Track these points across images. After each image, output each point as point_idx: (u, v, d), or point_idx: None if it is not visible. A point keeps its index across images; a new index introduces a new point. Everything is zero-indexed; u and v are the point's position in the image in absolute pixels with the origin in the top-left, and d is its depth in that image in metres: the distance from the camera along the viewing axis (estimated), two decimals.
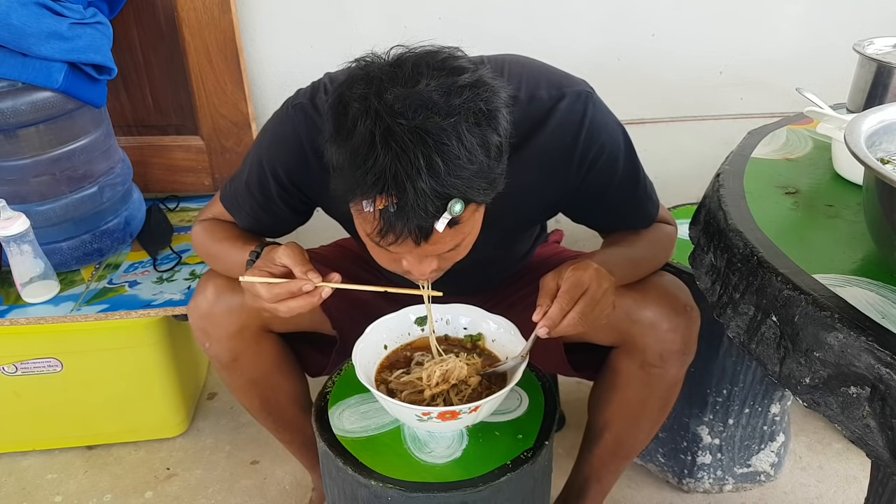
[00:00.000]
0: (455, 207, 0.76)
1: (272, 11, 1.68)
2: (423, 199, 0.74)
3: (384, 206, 0.75)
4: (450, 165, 0.74)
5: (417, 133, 0.73)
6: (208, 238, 1.12)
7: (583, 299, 0.87)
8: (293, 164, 1.00)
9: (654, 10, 1.72)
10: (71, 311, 1.43)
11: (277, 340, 1.16)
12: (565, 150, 0.96)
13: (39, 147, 1.42)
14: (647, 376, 1.07)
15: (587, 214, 1.09)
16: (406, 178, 0.73)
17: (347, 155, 0.76)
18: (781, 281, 0.74)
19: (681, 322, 1.03)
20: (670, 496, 1.50)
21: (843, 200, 0.93)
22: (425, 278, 0.91)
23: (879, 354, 0.63)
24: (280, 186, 1.03)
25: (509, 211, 0.98)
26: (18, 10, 1.29)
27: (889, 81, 1.13)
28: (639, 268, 1.05)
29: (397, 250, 0.82)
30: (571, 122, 0.95)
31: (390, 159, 0.73)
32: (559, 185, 1.00)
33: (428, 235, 0.78)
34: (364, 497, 0.93)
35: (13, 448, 1.63)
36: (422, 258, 0.86)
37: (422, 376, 0.95)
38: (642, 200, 1.06)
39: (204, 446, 1.66)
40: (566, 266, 0.91)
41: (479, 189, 0.78)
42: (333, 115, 0.79)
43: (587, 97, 0.97)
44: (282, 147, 1.01)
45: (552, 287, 0.89)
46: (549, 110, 0.95)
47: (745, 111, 1.85)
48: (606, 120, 0.99)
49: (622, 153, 1.01)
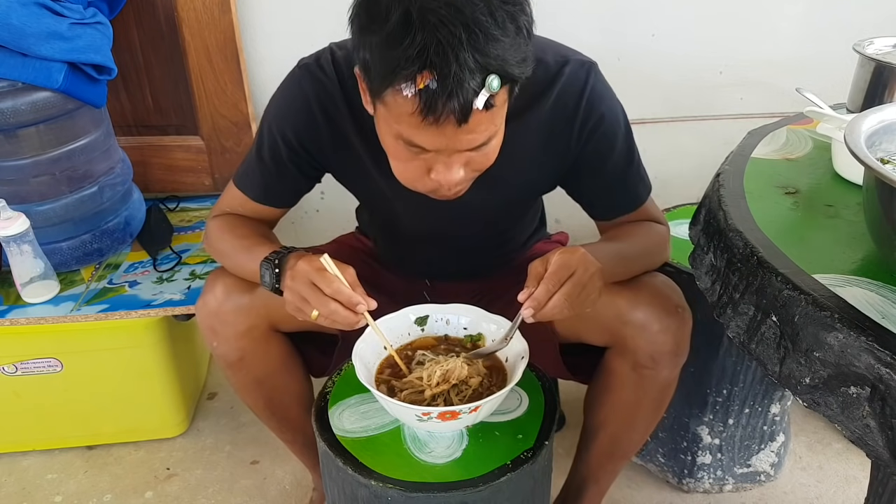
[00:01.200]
0: (493, 83, 0.77)
1: (272, 11, 1.68)
2: (465, 72, 0.75)
3: (425, 85, 0.76)
4: (488, 37, 0.76)
5: (453, 7, 0.75)
6: (225, 234, 1.11)
7: (569, 281, 0.87)
8: (301, 124, 1.03)
9: (654, 10, 1.72)
10: (71, 311, 1.43)
11: (284, 340, 1.17)
12: (567, 117, 1.00)
13: (39, 147, 1.42)
14: (639, 378, 1.07)
15: (582, 187, 1.11)
16: (449, 49, 0.74)
17: (384, 37, 0.77)
18: (781, 281, 0.74)
19: (671, 323, 1.02)
20: (670, 496, 1.50)
21: (842, 200, 0.93)
22: (453, 193, 0.92)
23: (879, 354, 0.63)
24: (290, 149, 1.05)
25: (512, 175, 1.02)
26: (18, 11, 1.29)
27: (889, 81, 1.13)
28: (630, 265, 1.05)
29: (434, 141, 0.83)
30: (574, 89, 0.99)
31: (430, 33, 0.74)
32: (560, 151, 1.03)
33: (468, 114, 0.78)
34: (364, 497, 0.93)
35: (13, 448, 1.63)
36: (451, 164, 0.86)
37: (422, 376, 0.95)
38: (635, 181, 1.09)
39: (204, 446, 1.66)
40: (554, 251, 0.91)
41: (514, 63, 0.79)
42: (365, 8, 0.80)
43: (591, 67, 1.01)
44: (290, 108, 1.04)
45: (539, 271, 0.89)
46: (554, 75, 0.99)
47: (745, 111, 1.85)
48: (608, 93, 1.03)
49: (621, 129, 1.04)
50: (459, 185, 0.92)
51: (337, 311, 0.89)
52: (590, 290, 0.89)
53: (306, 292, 0.90)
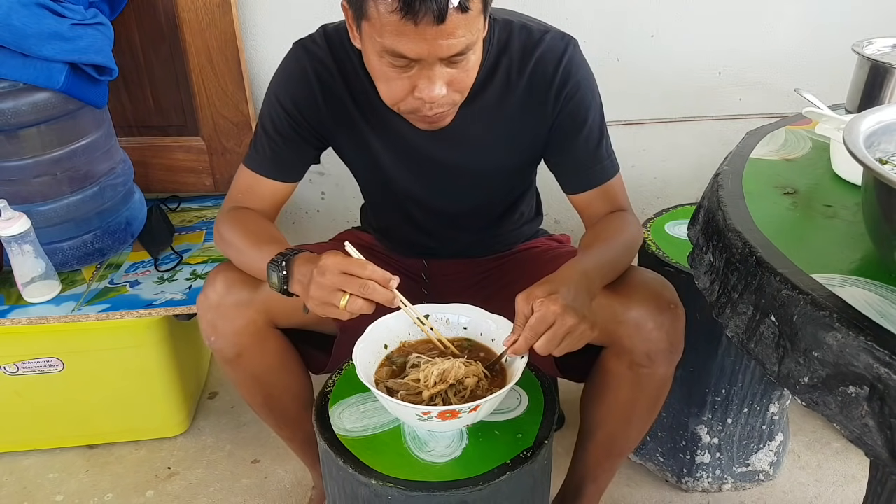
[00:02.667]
0: None
1: (272, 12, 1.68)
2: None
3: None
4: None
5: None
6: (236, 228, 1.11)
7: (546, 335, 0.89)
8: (300, 95, 1.10)
9: (654, 10, 1.72)
10: (72, 311, 1.44)
11: (282, 337, 1.17)
12: (546, 81, 1.07)
13: (41, 147, 1.42)
14: (636, 376, 1.08)
15: (558, 157, 1.15)
16: None
17: None
18: (780, 281, 0.74)
19: (665, 320, 1.03)
20: (669, 495, 1.50)
21: (841, 200, 0.94)
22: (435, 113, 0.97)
23: (878, 354, 0.63)
24: (291, 118, 1.11)
25: (497, 136, 1.11)
26: (19, 11, 1.29)
27: (887, 82, 1.13)
28: (617, 266, 1.07)
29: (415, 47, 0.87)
30: (553, 55, 1.06)
31: None
32: (538, 115, 1.10)
33: (444, 13, 0.84)
34: (364, 496, 0.94)
35: (14, 447, 1.64)
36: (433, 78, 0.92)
37: (418, 377, 0.95)
38: (604, 157, 1.13)
39: (205, 445, 1.66)
40: (539, 286, 0.92)
41: None
42: None
43: (571, 39, 1.08)
44: (289, 81, 1.10)
45: (525, 312, 0.91)
46: (537, 41, 1.06)
47: (743, 112, 1.85)
48: (584, 66, 1.09)
49: (595, 103, 1.11)
50: (443, 106, 0.97)
51: (376, 289, 0.91)
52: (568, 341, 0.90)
53: (340, 281, 0.91)
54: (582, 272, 0.96)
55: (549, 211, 1.34)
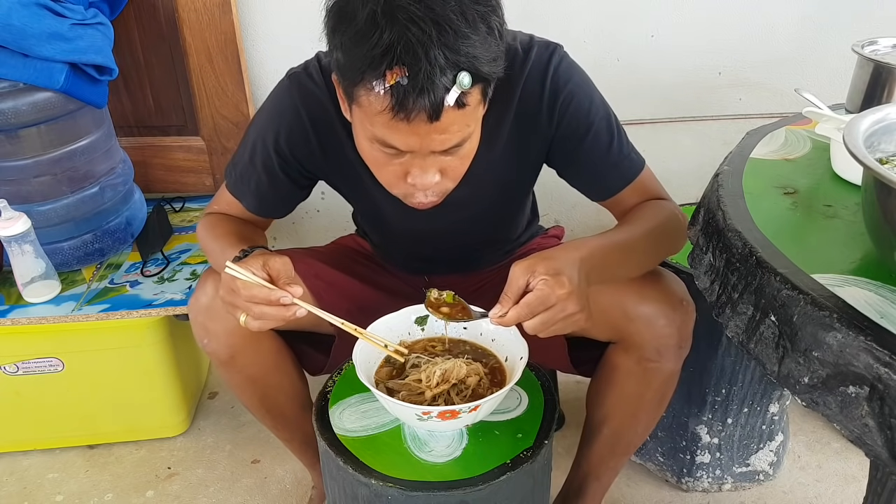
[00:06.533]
0: (464, 80, 0.78)
1: (272, 11, 1.68)
2: (436, 69, 0.76)
3: (395, 82, 0.77)
4: (458, 34, 0.77)
5: (423, 4, 0.76)
6: (207, 234, 1.12)
7: (541, 316, 0.85)
8: (292, 134, 1.05)
9: (654, 10, 1.72)
10: (72, 311, 1.44)
11: (276, 339, 1.17)
12: (536, 98, 1.02)
13: (41, 147, 1.42)
14: (644, 371, 1.08)
15: (571, 169, 1.10)
16: (419, 46, 0.75)
17: (353, 35, 0.78)
18: (780, 281, 0.74)
19: (676, 317, 1.03)
20: (669, 495, 1.50)
21: (841, 200, 0.94)
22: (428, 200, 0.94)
23: (878, 354, 0.63)
24: (281, 158, 1.06)
25: (496, 164, 1.05)
26: (20, 11, 1.29)
27: (888, 82, 1.13)
28: (638, 254, 1.02)
29: (406, 140, 0.83)
30: (539, 70, 1.01)
31: (399, 29, 0.75)
32: (534, 133, 1.04)
33: (439, 111, 0.79)
34: (364, 496, 0.94)
35: (14, 447, 1.64)
36: (426, 167, 0.88)
37: (420, 378, 0.95)
38: (621, 156, 1.07)
39: (205, 445, 1.66)
40: (541, 260, 0.87)
41: (485, 61, 0.80)
42: (336, 10, 0.81)
43: (554, 47, 1.02)
44: (281, 118, 1.05)
45: (520, 285, 0.86)
46: (523, 60, 1.00)
47: (743, 111, 1.85)
48: (574, 71, 1.03)
49: (595, 105, 1.04)
50: (435, 195, 0.93)
51: (264, 312, 0.88)
52: (561, 325, 0.86)
53: (231, 300, 0.90)
54: (586, 254, 0.91)
55: (549, 211, 1.34)
